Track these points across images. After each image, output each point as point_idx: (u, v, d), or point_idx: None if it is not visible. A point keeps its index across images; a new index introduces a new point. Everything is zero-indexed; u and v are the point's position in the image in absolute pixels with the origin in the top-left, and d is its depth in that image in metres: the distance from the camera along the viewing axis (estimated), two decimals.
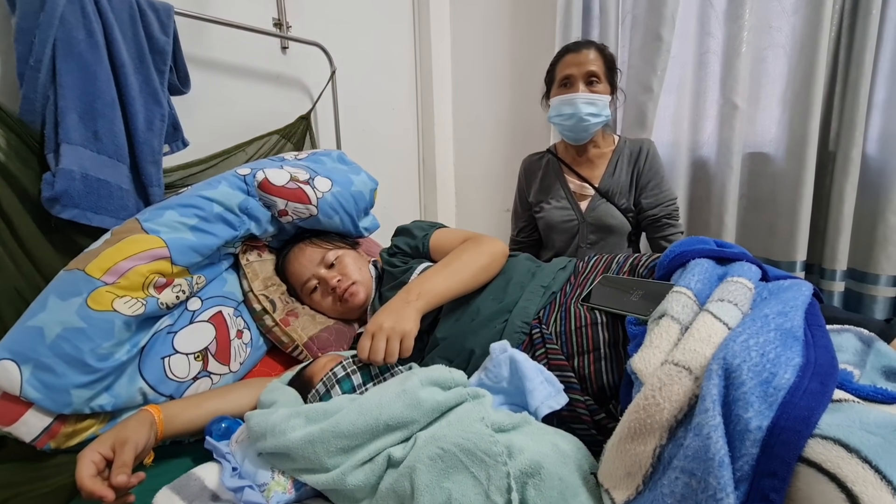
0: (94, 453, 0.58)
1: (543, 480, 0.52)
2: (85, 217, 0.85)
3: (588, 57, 1.24)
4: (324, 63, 1.48)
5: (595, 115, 1.25)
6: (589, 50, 1.25)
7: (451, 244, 0.97)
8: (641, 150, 1.33)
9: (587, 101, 1.24)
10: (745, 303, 0.57)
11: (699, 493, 0.40)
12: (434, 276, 0.86)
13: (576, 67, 1.25)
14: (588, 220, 1.35)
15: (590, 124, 1.26)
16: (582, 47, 1.27)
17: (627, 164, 1.34)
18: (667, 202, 1.32)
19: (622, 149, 1.35)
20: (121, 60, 0.91)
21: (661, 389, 0.48)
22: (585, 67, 1.24)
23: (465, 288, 0.86)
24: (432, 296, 0.82)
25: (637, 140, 1.37)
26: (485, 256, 0.89)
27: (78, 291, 0.70)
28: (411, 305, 0.79)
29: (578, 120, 1.26)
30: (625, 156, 1.35)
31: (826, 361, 0.47)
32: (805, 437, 0.39)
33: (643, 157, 1.32)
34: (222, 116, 1.27)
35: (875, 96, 1.31)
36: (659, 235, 1.33)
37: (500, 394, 0.69)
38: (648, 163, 1.32)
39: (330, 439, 0.58)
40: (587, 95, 1.24)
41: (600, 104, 1.25)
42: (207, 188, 0.89)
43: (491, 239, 0.94)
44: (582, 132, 1.30)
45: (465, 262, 0.88)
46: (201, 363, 0.81)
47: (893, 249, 1.31)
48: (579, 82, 1.25)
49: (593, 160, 1.38)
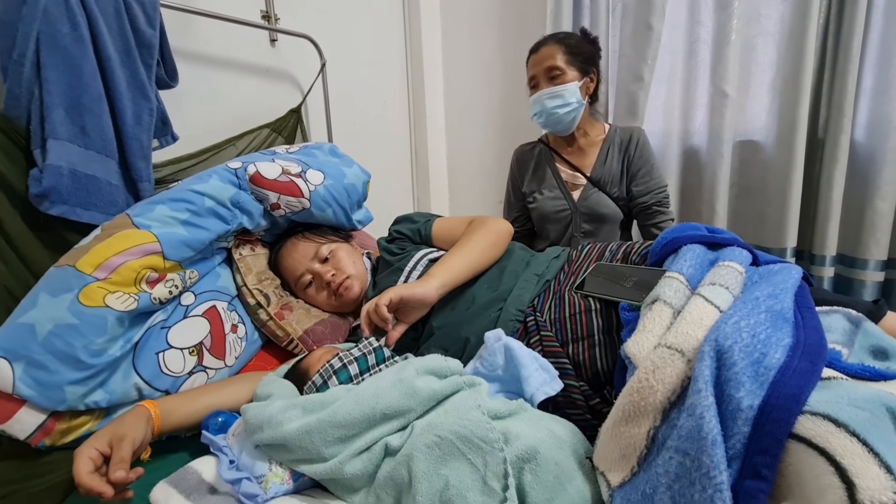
0: (91, 449, 0.58)
1: (540, 465, 0.53)
2: (74, 213, 0.84)
3: (546, 54, 1.27)
4: (313, 55, 1.46)
5: (562, 105, 1.26)
6: (546, 46, 1.28)
7: (454, 228, 0.99)
8: (632, 138, 1.34)
9: (550, 95, 1.26)
10: (736, 286, 0.58)
11: (693, 471, 0.40)
12: (448, 259, 0.87)
13: (536, 67, 1.29)
14: (581, 209, 1.36)
15: (560, 116, 1.28)
16: (541, 46, 1.30)
17: (618, 152, 1.35)
18: (657, 189, 1.33)
19: (613, 137, 1.36)
20: (107, 54, 0.89)
21: (655, 372, 0.49)
22: (544, 65, 1.27)
23: (479, 264, 0.88)
24: (450, 274, 0.84)
25: (627, 128, 1.37)
26: (492, 234, 0.93)
27: (69, 288, 0.70)
28: (430, 279, 0.82)
29: (548, 115, 1.29)
30: (615, 144, 1.35)
31: (815, 341, 0.48)
32: (795, 414, 0.39)
33: (633, 145, 1.33)
34: (212, 111, 1.25)
35: (863, 83, 1.32)
36: (650, 223, 1.33)
37: (495, 382, 0.70)
38: (639, 150, 1.33)
39: (327, 429, 0.58)
40: (549, 90, 1.26)
41: (567, 94, 1.25)
42: (198, 182, 0.88)
43: (495, 218, 0.97)
44: (558, 124, 1.31)
45: (476, 241, 0.90)
46: (196, 358, 0.81)
47: (882, 234, 1.33)
48: (542, 81, 1.28)
49: (584, 149, 1.38)
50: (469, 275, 0.87)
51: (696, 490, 0.40)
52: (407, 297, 0.78)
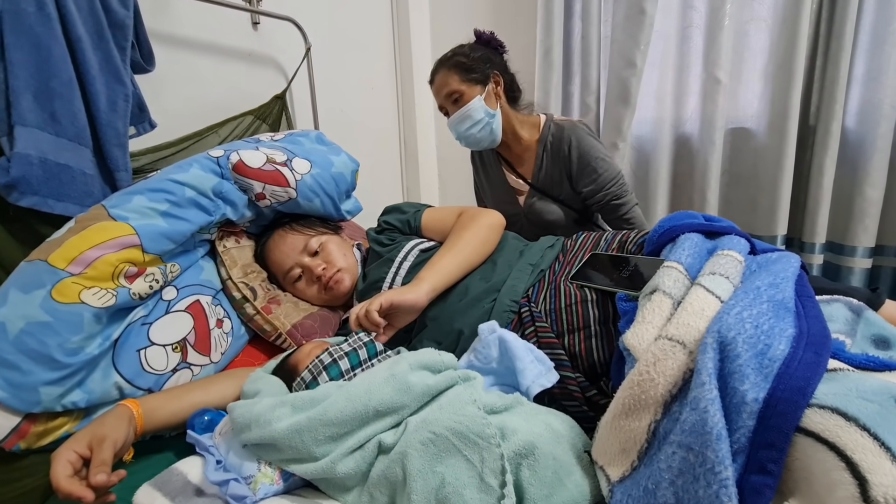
0: (69, 452, 0.55)
1: (538, 460, 0.52)
2: (46, 204, 0.80)
3: (441, 82, 1.24)
4: (298, 39, 1.41)
5: (473, 124, 1.23)
6: (439, 74, 1.24)
7: (444, 219, 0.97)
8: (563, 139, 1.25)
9: (458, 120, 1.23)
10: (735, 276, 0.57)
11: (697, 466, 0.39)
12: (439, 260, 0.85)
13: (439, 97, 1.27)
14: (528, 216, 1.36)
15: (476, 135, 1.25)
16: (434, 75, 1.26)
17: (552, 156, 1.28)
18: (608, 184, 1.24)
19: (546, 138, 1.28)
20: (77, 35, 0.84)
21: (656, 364, 0.47)
22: (442, 93, 1.24)
23: (470, 263, 0.86)
24: (440, 276, 0.82)
25: (559, 127, 1.27)
26: (484, 230, 0.90)
27: (41, 283, 0.66)
28: (420, 284, 0.80)
29: (465, 138, 1.27)
30: (548, 149, 1.28)
31: (819, 331, 0.47)
32: (802, 407, 0.38)
33: (566, 147, 1.25)
34: (192, 97, 1.21)
35: (854, 69, 1.31)
36: (613, 217, 1.28)
37: (490, 375, 0.68)
38: (574, 152, 1.24)
39: (318, 427, 0.56)
40: (456, 116, 1.23)
41: (472, 112, 1.21)
42: (178, 171, 0.85)
43: (486, 211, 0.95)
44: (480, 143, 1.28)
45: (467, 240, 0.88)
46: (180, 354, 0.78)
47: (870, 221, 1.33)
48: (448, 107, 1.25)
49: (521, 155, 1.33)
50: (460, 275, 0.85)
51: (701, 486, 0.39)
52: (398, 303, 0.76)
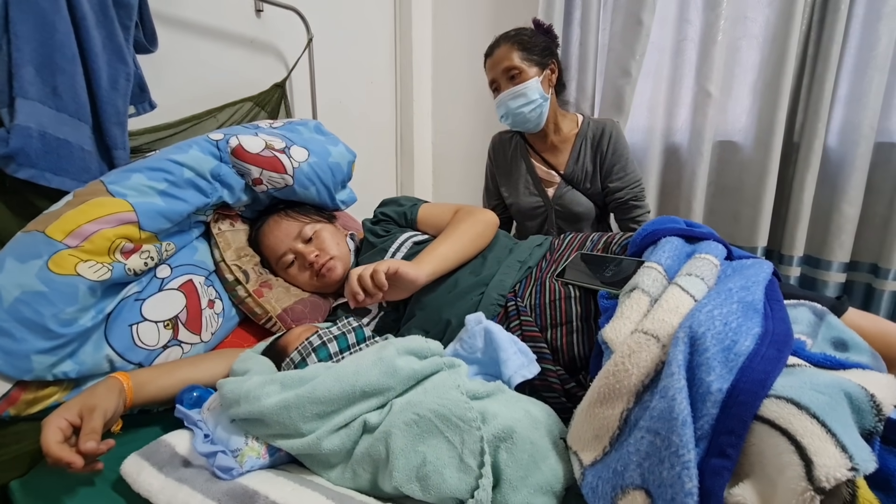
0: (60, 419, 0.57)
1: (515, 444, 0.54)
2: (43, 178, 0.80)
3: (501, 55, 1.26)
4: (300, 29, 1.42)
5: (526, 103, 1.25)
6: (500, 47, 1.27)
7: (441, 215, 0.99)
8: (604, 132, 1.32)
9: (512, 95, 1.25)
10: (711, 277, 0.60)
11: (662, 450, 0.42)
12: (437, 247, 0.88)
13: (494, 70, 1.28)
14: (556, 206, 1.38)
15: (526, 114, 1.27)
16: (494, 48, 1.29)
17: (591, 148, 1.34)
18: (632, 184, 1.32)
19: (585, 132, 1.34)
20: (81, 12, 0.85)
21: (631, 356, 0.50)
22: (501, 66, 1.26)
23: (466, 254, 0.89)
24: (439, 261, 0.85)
25: (600, 121, 1.35)
26: (480, 224, 0.94)
27: (38, 254, 0.67)
28: (422, 265, 0.82)
29: (514, 116, 1.28)
30: (588, 140, 1.34)
31: (782, 331, 0.50)
32: (761, 397, 0.41)
33: (606, 141, 1.31)
34: (192, 79, 1.21)
35: (838, 90, 1.36)
36: (627, 217, 1.35)
37: (474, 364, 0.71)
38: (612, 146, 1.31)
39: (305, 405, 0.58)
40: (510, 91, 1.25)
41: (529, 91, 1.24)
42: (178, 152, 0.86)
43: (481, 209, 0.98)
44: (526, 123, 1.30)
45: (464, 230, 0.91)
46: (171, 331, 0.79)
47: (846, 237, 1.39)
48: (502, 82, 1.27)
49: (557, 146, 1.37)
50: (456, 264, 0.88)
51: (665, 467, 0.41)
52: (402, 273, 0.78)
